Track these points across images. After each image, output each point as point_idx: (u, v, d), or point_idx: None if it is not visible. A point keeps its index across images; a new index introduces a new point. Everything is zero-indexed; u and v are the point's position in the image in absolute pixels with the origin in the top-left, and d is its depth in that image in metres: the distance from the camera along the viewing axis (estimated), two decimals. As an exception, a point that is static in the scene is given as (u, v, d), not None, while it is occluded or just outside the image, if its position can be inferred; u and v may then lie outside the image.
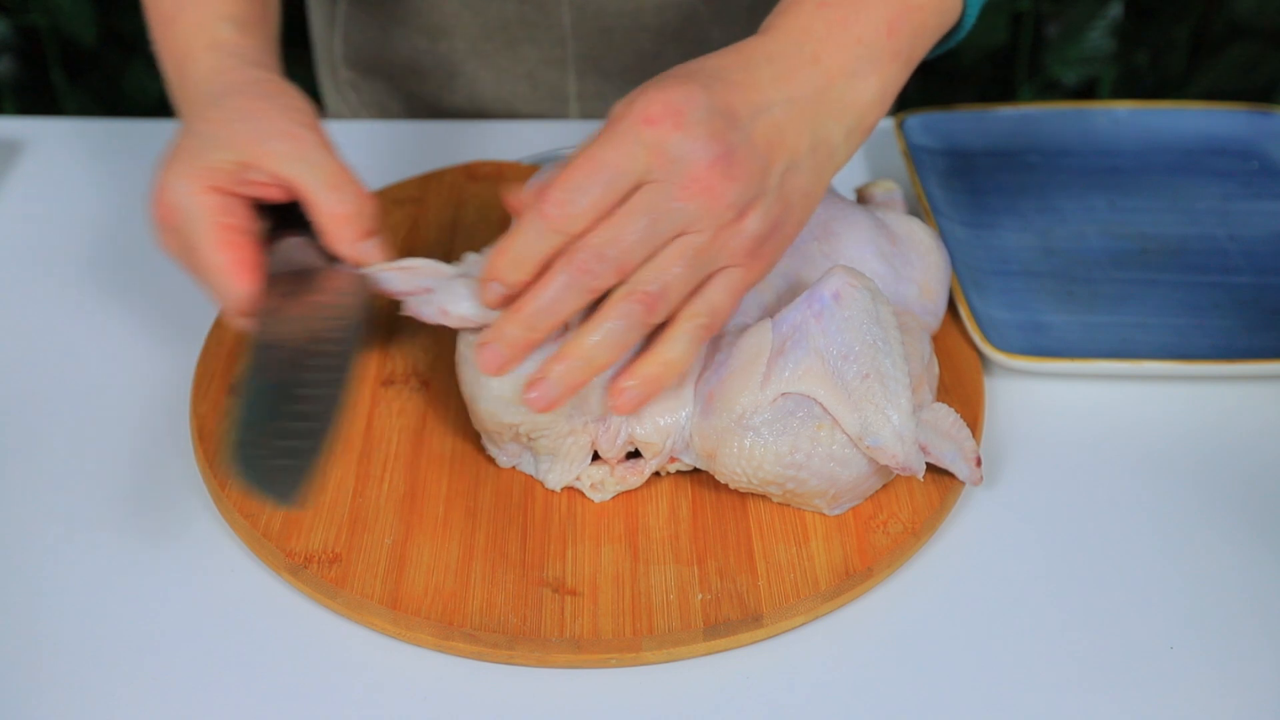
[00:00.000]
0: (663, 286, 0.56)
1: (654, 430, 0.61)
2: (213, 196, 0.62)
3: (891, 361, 0.59)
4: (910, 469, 0.59)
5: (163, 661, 0.57)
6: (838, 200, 0.69)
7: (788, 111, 0.58)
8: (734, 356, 0.60)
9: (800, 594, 0.58)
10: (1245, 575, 0.61)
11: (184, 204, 0.62)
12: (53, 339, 0.74)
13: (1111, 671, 0.57)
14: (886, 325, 0.60)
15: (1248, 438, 0.68)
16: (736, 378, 0.59)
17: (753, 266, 0.59)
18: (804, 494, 0.60)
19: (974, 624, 0.59)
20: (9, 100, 1.63)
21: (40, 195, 0.86)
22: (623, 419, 0.61)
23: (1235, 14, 1.55)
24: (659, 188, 0.56)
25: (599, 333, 0.57)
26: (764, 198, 0.57)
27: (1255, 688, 0.56)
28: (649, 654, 0.57)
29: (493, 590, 0.58)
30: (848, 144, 0.61)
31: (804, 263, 0.66)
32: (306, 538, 0.60)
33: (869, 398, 0.58)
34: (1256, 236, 0.81)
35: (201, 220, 0.61)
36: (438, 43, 0.94)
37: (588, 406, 0.60)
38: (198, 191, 0.62)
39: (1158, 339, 0.73)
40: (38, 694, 0.56)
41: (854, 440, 0.58)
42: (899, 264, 0.68)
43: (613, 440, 0.61)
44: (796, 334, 0.59)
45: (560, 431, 0.61)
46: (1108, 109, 0.89)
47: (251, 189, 0.63)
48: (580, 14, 0.90)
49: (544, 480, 0.63)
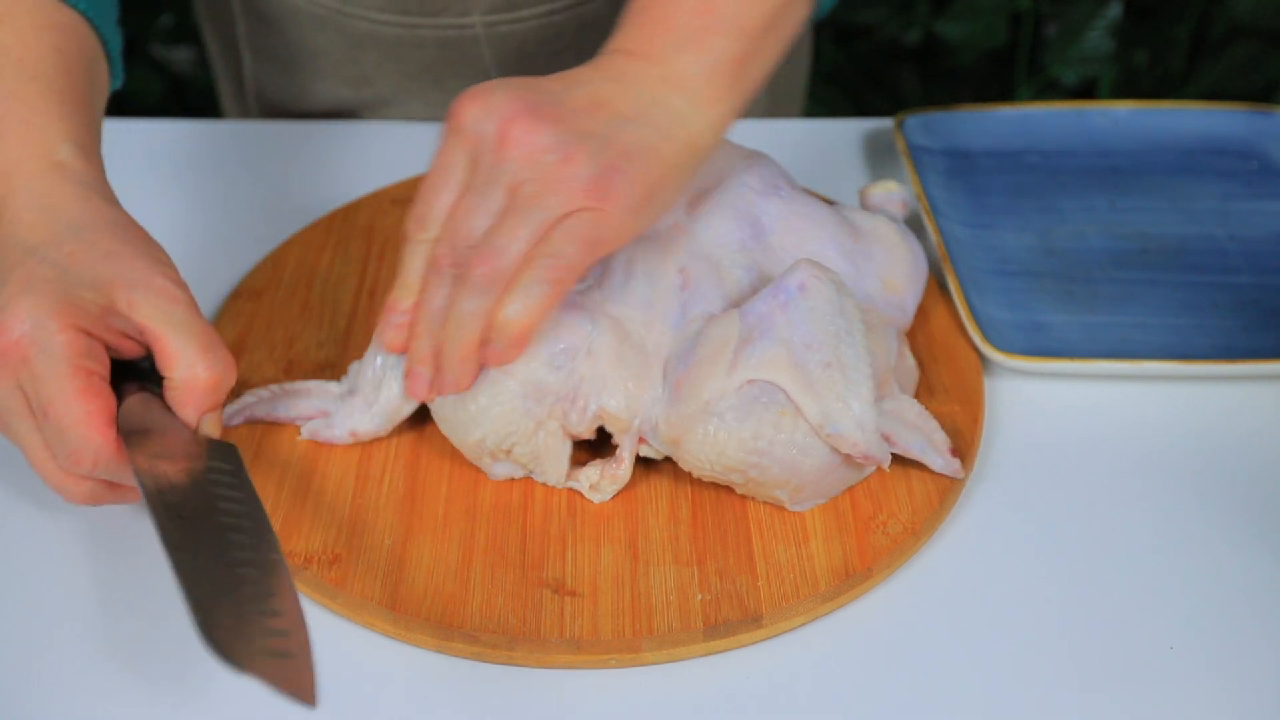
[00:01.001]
0: (500, 243, 0.57)
1: (623, 403, 0.61)
2: (76, 336, 0.55)
3: (854, 352, 0.60)
4: (872, 457, 0.59)
5: (162, 661, 0.57)
6: (803, 196, 0.69)
7: (611, 86, 0.60)
8: (701, 345, 0.61)
9: (800, 594, 0.58)
10: (1245, 575, 0.61)
11: (41, 341, 0.54)
12: (52, 339, 0.74)
13: (1111, 671, 0.57)
14: (850, 317, 0.61)
15: (1248, 438, 0.68)
16: (704, 365, 0.60)
17: (605, 207, 0.57)
18: (766, 483, 0.60)
19: (974, 624, 0.59)
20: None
21: (40, 195, 0.86)
22: (589, 393, 0.61)
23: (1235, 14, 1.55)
24: (482, 162, 0.58)
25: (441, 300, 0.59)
26: (589, 141, 0.57)
27: (1255, 688, 0.56)
28: (649, 654, 0.57)
29: (492, 591, 0.58)
30: (699, 113, 0.60)
31: (766, 256, 0.67)
32: (306, 538, 0.60)
33: (830, 386, 0.59)
34: (1256, 236, 0.81)
35: (62, 362, 0.54)
36: (361, 90, 0.94)
37: (543, 391, 0.61)
38: (59, 329, 0.54)
39: (1158, 339, 0.73)
40: (37, 694, 0.56)
41: (815, 429, 0.59)
42: (860, 260, 0.68)
43: (581, 415, 0.61)
44: (762, 323, 0.60)
45: (526, 430, 0.61)
46: (1108, 109, 0.89)
47: (109, 336, 0.57)
48: (500, 49, 0.90)
49: (545, 481, 0.63)
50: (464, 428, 0.61)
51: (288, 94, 0.97)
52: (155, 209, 0.83)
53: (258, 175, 0.87)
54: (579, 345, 0.61)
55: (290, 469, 0.64)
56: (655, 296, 0.64)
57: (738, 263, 0.66)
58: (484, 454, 0.62)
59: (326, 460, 0.64)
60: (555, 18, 0.89)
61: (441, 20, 0.88)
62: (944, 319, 0.73)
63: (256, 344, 0.71)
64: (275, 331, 0.72)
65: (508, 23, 0.88)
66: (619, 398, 0.61)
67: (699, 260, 0.65)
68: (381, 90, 0.93)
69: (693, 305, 0.64)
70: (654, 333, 0.63)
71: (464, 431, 0.61)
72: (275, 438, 0.66)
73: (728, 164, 0.70)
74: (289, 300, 0.75)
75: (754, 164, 0.70)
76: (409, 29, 0.88)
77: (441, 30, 0.89)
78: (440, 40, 0.89)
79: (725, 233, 0.67)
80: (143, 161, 0.87)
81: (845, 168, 0.88)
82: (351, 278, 0.76)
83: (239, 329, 0.72)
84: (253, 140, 0.90)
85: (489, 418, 0.60)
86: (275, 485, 0.63)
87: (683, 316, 0.63)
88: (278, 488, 0.63)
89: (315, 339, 0.72)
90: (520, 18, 0.89)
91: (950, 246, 0.77)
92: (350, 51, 0.91)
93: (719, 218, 0.67)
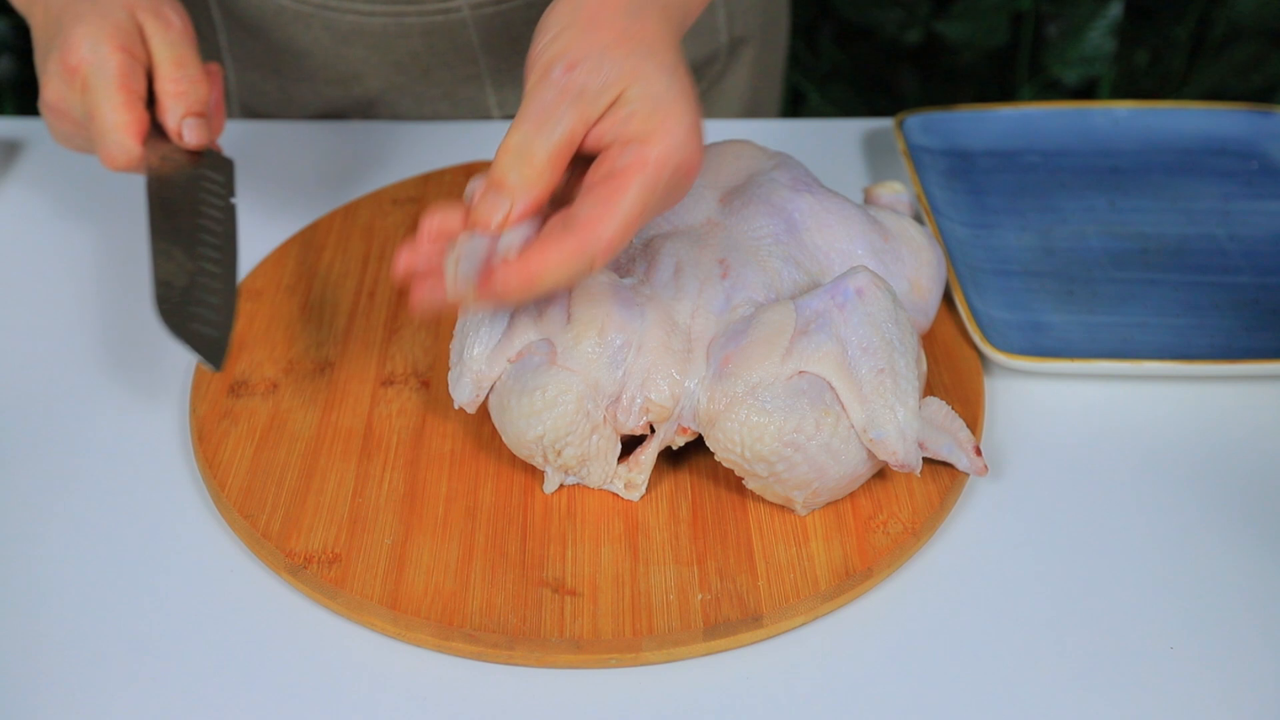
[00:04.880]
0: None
1: (667, 391, 0.61)
2: (124, 57, 0.67)
3: (905, 362, 0.61)
4: (908, 466, 0.60)
5: (162, 662, 0.57)
6: (831, 195, 0.70)
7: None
8: (755, 327, 0.61)
9: (800, 594, 0.58)
10: (1245, 575, 0.61)
11: (96, 61, 0.67)
12: (52, 339, 0.74)
13: (1111, 671, 0.57)
14: (904, 327, 0.62)
15: (1248, 438, 0.68)
16: (758, 346, 0.60)
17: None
18: (787, 480, 0.60)
19: (974, 624, 0.59)
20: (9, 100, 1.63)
21: (40, 195, 0.86)
22: (635, 386, 0.61)
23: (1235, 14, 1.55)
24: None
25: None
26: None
27: (1255, 688, 0.56)
28: (649, 654, 0.57)
29: (493, 590, 0.58)
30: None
31: (800, 250, 0.67)
32: (306, 538, 0.60)
33: (880, 393, 0.59)
34: (1256, 236, 0.81)
35: (112, 79, 0.66)
36: (350, 88, 0.94)
37: (600, 393, 0.61)
38: (109, 51, 0.67)
39: (1158, 339, 0.73)
40: (37, 694, 0.56)
41: (859, 431, 0.59)
42: (889, 260, 0.68)
43: (628, 411, 0.61)
44: (820, 319, 0.61)
45: (583, 432, 0.61)
46: (1108, 109, 0.89)
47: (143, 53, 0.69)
48: (487, 33, 0.90)
49: (586, 482, 0.63)
50: (526, 423, 0.60)
51: (273, 102, 0.97)
52: (155, 209, 0.84)
53: (257, 176, 0.87)
54: (632, 340, 0.61)
55: (290, 469, 0.64)
56: (700, 287, 0.64)
57: (774, 254, 0.67)
58: (537, 453, 0.61)
59: (327, 460, 0.64)
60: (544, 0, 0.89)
61: (427, 6, 0.88)
62: (944, 319, 0.73)
63: (256, 344, 0.71)
64: (275, 331, 0.72)
65: (492, 5, 0.88)
66: (664, 387, 0.61)
67: (737, 251, 0.66)
68: (370, 86, 0.93)
69: (736, 293, 0.64)
70: (699, 320, 0.63)
71: (524, 427, 0.60)
72: (276, 436, 0.66)
73: (755, 163, 0.71)
74: (289, 300, 0.75)
75: (782, 163, 0.71)
76: (395, 18, 0.88)
77: (428, 17, 0.88)
78: (427, 27, 0.89)
79: (760, 226, 0.68)
80: (143, 161, 0.87)
81: (845, 168, 0.88)
82: (351, 278, 0.76)
83: (239, 329, 0.72)
84: (252, 141, 0.90)
85: (552, 416, 0.60)
86: (275, 485, 0.63)
87: (727, 304, 0.64)
88: (278, 487, 0.63)
89: (315, 339, 0.72)
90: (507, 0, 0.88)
91: (950, 246, 0.77)
92: (337, 48, 0.91)
93: (753, 211, 0.68)
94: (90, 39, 0.67)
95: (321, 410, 0.67)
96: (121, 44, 0.67)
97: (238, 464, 0.64)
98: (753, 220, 0.68)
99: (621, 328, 0.61)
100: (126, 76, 0.67)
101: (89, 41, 0.67)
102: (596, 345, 0.61)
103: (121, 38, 0.67)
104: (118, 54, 0.67)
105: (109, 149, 0.67)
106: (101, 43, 0.67)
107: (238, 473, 0.64)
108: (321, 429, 0.66)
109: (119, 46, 0.67)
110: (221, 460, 0.64)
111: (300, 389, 0.69)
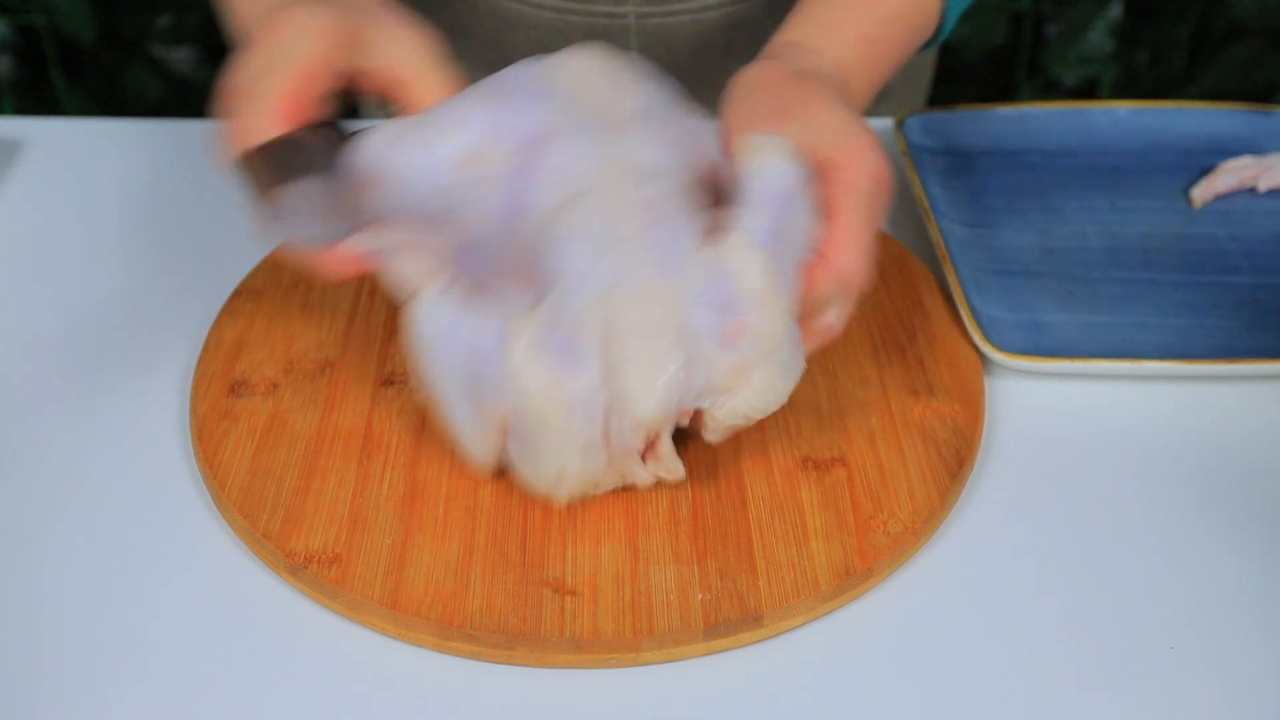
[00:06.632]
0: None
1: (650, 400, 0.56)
2: (324, 45, 0.60)
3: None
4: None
5: (162, 662, 0.57)
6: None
7: None
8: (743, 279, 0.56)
9: (800, 594, 0.58)
10: (1245, 575, 0.61)
11: (299, 31, 0.59)
12: (52, 339, 0.74)
13: (1111, 671, 0.57)
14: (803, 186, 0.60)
15: (1248, 438, 0.68)
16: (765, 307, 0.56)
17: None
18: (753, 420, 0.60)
19: (974, 624, 0.59)
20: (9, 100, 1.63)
21: (40, 195, 0.86)
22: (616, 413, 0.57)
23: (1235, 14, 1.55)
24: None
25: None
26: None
27: (1255, 688, 0.56)
28: (649, 654, 0.57)
29: (493, 590, 0.58)
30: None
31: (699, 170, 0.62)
32: (306, 538, 0.60)
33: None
34: (1256, 236, 0.81)
35: (297, 59, 0.59)
36: None
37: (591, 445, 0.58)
38: (318, 31, 0.60)
39: (1158, 339, 0.73)
40: (37, 695, 0.56)
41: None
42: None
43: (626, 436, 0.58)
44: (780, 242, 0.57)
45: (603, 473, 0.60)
46: (1108, 109, 0.89)
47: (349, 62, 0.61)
48: (647, 40, 0.92)
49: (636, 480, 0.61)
50: (553, 493, 0.60)
51: None
52: (156, 209, 0.84)
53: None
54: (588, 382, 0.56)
55: (290, 469, 0.64)
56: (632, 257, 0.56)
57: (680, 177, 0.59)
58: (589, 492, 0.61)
59: (327, 460, 0.64)
60: (706, 14, 0.91)
61: (595, 7, 0.90)
62: (944, 319, 0.73)
63: (256, 344, 0.71)
64: (275, 331, 0.72)
65: (659, 15, 0.90)
66: (643, 401, 0.56)
67: (655, 181, 0.58)
68: None
69: (676, 230, 0.57)
70: (651, 301, 0.56)
71: (556, 496, 0.60)
72: (276, 436, 0.66)
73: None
74: (289, 300, 0.75)
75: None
76: (561, 15, 0.90)
77: (594, 18, 0.90)
78: (590, 28, 0.91)
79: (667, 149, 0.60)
80: (143, 161, 0.87)
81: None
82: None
83: (239, 329, 0.72)
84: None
85: (568, 484, 0.60)
86: (275, 485, 0.63)
87: (674, 252, 0.57)
88: (278, 487, 0.63)
89: (315, 339, 0.72)
90: (672, 11, 0.90)
91: (950, 246, 0.77)
92: (498, 34, 0.92)
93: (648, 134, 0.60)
94: (311, 16, 0.60)
95: (322, 410, 0.67)
96: (335, 35, 0.60)
97: (238, 464, 0.64)
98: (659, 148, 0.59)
99: (573, 380, 0.56)
100: (313, 65, 0.60)
101: (309, 16, 0.60)
102: (563, 415, 0.57)
103: (339, 42, 0.61)
104: (321, 42, 0.60)
105: (244, 120, 0.59)
106: (317, 27, 0.60)
107: (238, 473, 0.64)
108: (322, 429, 0.66)
109: (329, 41, 0.60)
110: (221, 460, 0.64)
111: (300, 389, 0.69)
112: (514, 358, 0.57)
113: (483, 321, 0.59)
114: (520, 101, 0.60)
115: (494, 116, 0.59)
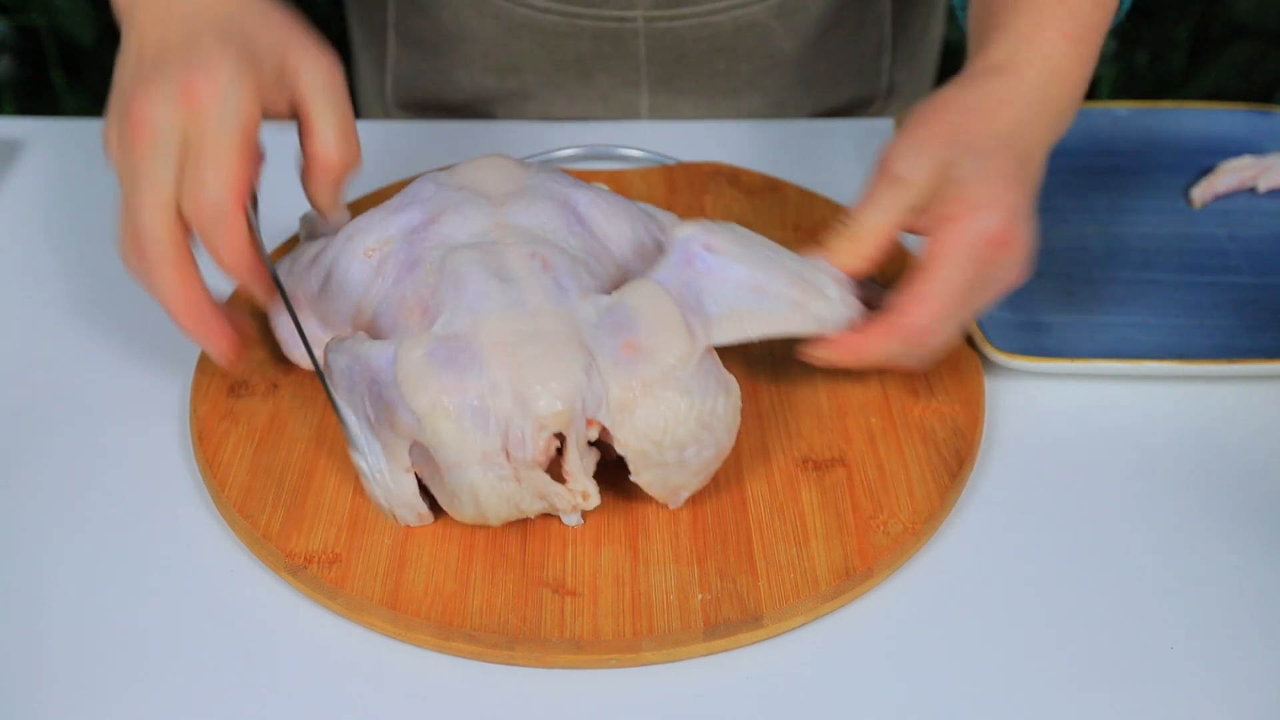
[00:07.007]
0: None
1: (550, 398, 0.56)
2: (257, 108, 0.59)
3: (792, 257, 0.63)
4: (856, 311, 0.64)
5: (163, 662, 0.57)
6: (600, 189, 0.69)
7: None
8: (641, 310, 0.59)
9: (800, 594, 0.58)
10: (1245, 575, 0.61)
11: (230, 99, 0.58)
12: (52, 339, 0.74)
13: (1111, 672, 0.57)
14: (761, 239, 0.64)
15: (1247, 438, 0.68)
16: (663, 328, 0.58)
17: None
18: (693, 464, 0.59)
19: (974, 624, 0.59)
20: (8, 100, 1.63)
21: (40, 195, 0.86)
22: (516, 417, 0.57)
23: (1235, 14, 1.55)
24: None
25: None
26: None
27: (1255, 688, 0.56)
28: (649, 654, 0.57)
29: (493, 590, 0.58)
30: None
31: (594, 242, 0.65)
32: (306, 538, 0.60)
33: (806, 294, 0.62)
34: (1256, 236, 0.81)
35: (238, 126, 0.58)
36: (506, 80, 0.94)
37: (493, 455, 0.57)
38: (248, 97, 0.58)
39: (1158, 339, 0.73)
40: (37, 695, 0.56)
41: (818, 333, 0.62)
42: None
43: (526, 443, 0.57)
44: (691, 289, 0.61)
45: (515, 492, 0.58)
46: (1108, 109, 0.89)
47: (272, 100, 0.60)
48: (655, 43, 0.92)
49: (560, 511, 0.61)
50: (477, 521, 0.59)
51: (429, 82, 0.97)
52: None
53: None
54: (483, 387, 0.57)
55: (290, 469, 0.64)
56: (524, 289, 0.60)
57: (572, 245, 0.64)
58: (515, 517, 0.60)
59: (327, 460, 0.64)
60: (714, 18, 0.91)
61: (603, 11, 0.90)
62: (944, 319, 0.73)
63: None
64: (275, 331, 0.72)
65: (668, 19, 0.90)
66: (544, 397, 0.56)
67: (541, 244, 0.62)
68: (527, 81, 0.94)
69: (565, 281, 0.61)
70: (545, 319, 0.59)
71: (482, 522, 0.59)
72: (276, 437, 0.66)
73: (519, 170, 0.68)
74: (289, 300, 0.74)
75: (543, 167, 0.69)
76: (568, 18, 0.90)
77: (601, 22, 0.90)
78: (598, 32, 0.90)
79: (550, 218, 0.64)
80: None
81: (845, 168, 0.88)
82: (352, 278, 0.76)
83: (239, 329, 0.72)
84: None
85: (487, 507, 0.58)
86: (275, 485, 0.63)
87: (565, 295, 0.60)
88: (278, 488, 0.63)
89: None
90: (681, 14, 0.90)
91: (950, 246, 0.77)
92: (504, 38, 0.92)
93: (540, 208, 0.65)
94: (232, 76, 0.58)
95: (322, 410, 0.67)
96: (262, 97, 0.59)
97: (238, 464, 0.64)
98: (541, 213, 0.64)
99: (463, 389, 0.57)
100: (252, 134, 0.59)
101: (229, 79, 0.58)
102: (455, 425, 0.56)
103: (264, 91, 0.59)
104: (253, 107, 0.58)
105: (200, 196, 0.58)
106: (242, 87, 0.58)
107: (238, 473, 0.64)
108: (322, 429, 0.66)
109: (258, 99, 0.59)
110: (221, 461, 0.64)
111: (300, 389, 0.69)
112: (402, 369, 0.57)
113: (384, 347, 0.59)
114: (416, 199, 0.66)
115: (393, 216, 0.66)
